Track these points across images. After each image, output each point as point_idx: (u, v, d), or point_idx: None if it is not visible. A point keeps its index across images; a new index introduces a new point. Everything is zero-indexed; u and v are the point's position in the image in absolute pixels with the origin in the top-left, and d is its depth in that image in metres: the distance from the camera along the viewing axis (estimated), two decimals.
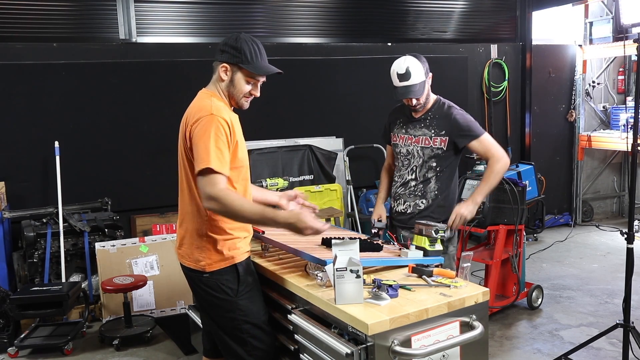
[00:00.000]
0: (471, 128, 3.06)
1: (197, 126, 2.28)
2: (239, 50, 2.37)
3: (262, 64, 2.43)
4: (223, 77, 2.41)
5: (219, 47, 2.43)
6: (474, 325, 2.09)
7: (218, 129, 2.26)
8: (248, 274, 2.42)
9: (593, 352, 3.84)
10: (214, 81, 2.47)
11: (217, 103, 2.37)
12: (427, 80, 3.04)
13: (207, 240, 2.37)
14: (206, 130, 2.25)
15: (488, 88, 6.94)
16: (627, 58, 7.62)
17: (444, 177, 3.13)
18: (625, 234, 3.43)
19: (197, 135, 2.27)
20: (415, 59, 2.99)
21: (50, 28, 5.16)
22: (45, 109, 5.03)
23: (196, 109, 2.35)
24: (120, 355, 4.10)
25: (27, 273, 4.62)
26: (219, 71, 2.42)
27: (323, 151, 5.86)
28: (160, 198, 5.43)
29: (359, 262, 2.03)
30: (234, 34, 2.45)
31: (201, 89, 2.53)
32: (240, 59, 2.38)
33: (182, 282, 2.53)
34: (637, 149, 3.44)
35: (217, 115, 2.28)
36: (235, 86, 2.42)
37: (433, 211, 3.11)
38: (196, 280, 2.43)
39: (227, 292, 2.36)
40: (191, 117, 2.34)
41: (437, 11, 6.77)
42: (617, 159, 7.92)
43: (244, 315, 2.38)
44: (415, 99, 3.03)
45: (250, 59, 2.38)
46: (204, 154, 2.22)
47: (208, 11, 5.71)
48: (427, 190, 3.13)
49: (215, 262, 2.37)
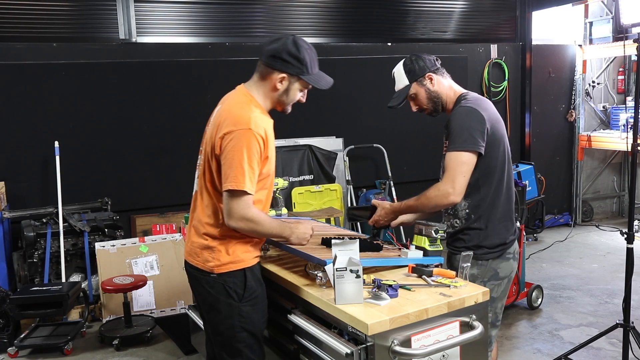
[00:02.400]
0: (453, 136, 2.44)
1: (232, 138, 2.17)
2: (301, 61, 2.27)
3: (321, 76, 2.36)
4: (278, 87, 2.30)
5: (273, 53, 2.26)
6: (473, 325, 2.08)
7: (254, 146, 2.17)
8: (255, 280, 2.35)
9: (593, 352, 3.84)
10: (258, 85, 2.34)
11: (256, 113, 2.25)
12: (416, 84, 2.62)
13: (220, 242, 2.30)
14: (241, 147, 2.15)
15: (488, 88, 6.94)
16: (627, 58, 7.62)
17: (470, 192, 2.49)
18: (625, 234, 3.44)
19: (231, 149, 2.17)
20: (400, 64, 2.67)
21: (50, 28, 5.16)
22: (45, 109, 5.03)
23: (234, 117, 2.22)
24: (120, 355, 4.10)
25: (27, 273, 4.62)
26: (274, 80, 2.29)
27: (323, 151, 5.86)
28: (160, 198, 5.44)
29: (359, 262, 2.03)
30: (288, 38, 2.28)
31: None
32: (302, 71, 2.28)
33: (182, 282, 2.52)
34: (637, 149, 3.44)
35: (254, 130, 2.18)
36: (289, 96, 2.34)
37: (470, 238, 2.52)
38: (201, 281, 2.37)
39: (232, 295, 2.29)
40: (226, 124, 2.21)
41: (437, 11, 6.77)
42: (617, 159, 7.92)
43: (244, 323, 2.31)
44: (416, 107, 2.71)
45: (311, 70, 2.30)
46: (238, 173, 2.15)
47: (208, 11, 5.71)
48: (457, 209, 2.56)
49: (224, 264, 2.30)
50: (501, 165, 2.51)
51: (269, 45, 2.29)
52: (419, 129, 6.22)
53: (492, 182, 2.50)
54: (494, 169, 2.49)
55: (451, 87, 2.66)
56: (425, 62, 2.62)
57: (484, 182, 2.49)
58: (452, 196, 2.39)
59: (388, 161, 6.17)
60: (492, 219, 2.51)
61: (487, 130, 2.43)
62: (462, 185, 2.40)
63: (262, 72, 2.32)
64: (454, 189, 2.38)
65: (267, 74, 2.30)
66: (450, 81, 2.68)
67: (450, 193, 2.39)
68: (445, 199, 2.40)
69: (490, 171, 2.49)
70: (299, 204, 5.53)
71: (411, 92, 2.64)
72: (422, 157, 6.14)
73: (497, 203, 2.51)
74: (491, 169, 2.49)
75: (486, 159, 2.46)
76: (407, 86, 2.64)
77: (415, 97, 2.65)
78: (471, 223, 2.52)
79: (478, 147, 2.40)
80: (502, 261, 2.53)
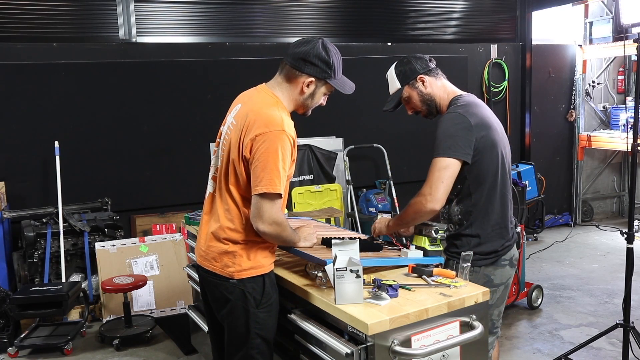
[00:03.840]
0: (436, 142, 2.39)
1: (265, 140, 2.11)
2: (330, 66, 2.25)
3: (346, 81, 2.35)
4: (304, 90, 2.26)
5: (303, 56, 2.23)
6: (474, 325, 2.08)
7: (287, 149, 2.14)
8: (272, 287, 2.33)
9: (593, 352, 3.84)
10: (283, 87, 2.29)
11: (285, 113, 2.23)
12: (408, 87, 2.57)
13: (242, 247, 2.26)
14: (275, 149, 2.11)
15: (488, 88, 6.94)
16: (627, 58, 7.62)
17: (462, 198, 2.46)
18: (625, 234, 3.44)
19: (264, 151, 2.11)
20: (392, 68, 2.63)
21: (50, 28, 5.17)
22: (45, 109, 5.03)
23: (265, 118, 2.15)
24: (120, 355, 4.10)
25: (27, 273, 4.62)
26: (301, 83, 2.25)
27: (323, 151, 5.86)
28: (160, 198, 5.44)
29: (359, 262, 2.03)
30: (318, 41, 2.25)
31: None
32: (330, 75, 2.27)
33: (182, 282, 2.50)
34: (637, 149, 3.44)
35: (288, 132, 2.14)
36: (314, 99, 2.32)
37: (462, 244, 2.47)
38: (219, 286, 2.30)
39: (249, 301, 2.26)
40: (258, 125, 2.14)
41: (437, 11, 6.77)
42: (617, 159, 7.92)
43: (259, 329, 2.28)
44: (411, 110, 2.65)
45: (338, 74, 2.30)
46: (274, 176, 2.11)
47: (208, 11, 5.71)
48: (451, 213, 2.52)
49: (245, 270, 2.26)
50: (494, 172, 2.43)
51: (298, 48, 2.25)
52: (419, 129, 6.21)
53: (483, 189, 2.42)
54: (485, 175, 2.41)
55: (445, 89, 2.59)
56: (417, 64, 2.55)
57: (475, 189, 2.42)
58: (429, 203, 2.32)
59: (388, 161, 6.17)
60: (485, 225, 2.44)
61: (475, 137, 2.36)
62: (441, 192, 2.32)
63: (288, 74, 2.28)
64: (432, 195, 2.31)
65: (294, 76, 2.26)
66: (445, 82, 2.62)
67: (427, 200, 2.32)
68: (423, 205, 2.34)
69: (481, 178, 2.41)
70: (299, 204, 5.53)
71: (404, 95, 2.59)
72: (422, 157, 6.08)
73: (490, 210, 2.44)
74: (482, 176, 2.41)
75: (476, 166, 2.39)
76: (399, 89, 2.60)
77: (409, 100, 2.60)
78: (464, 229, 2.47)
79: (462, 155, 2.34)
80: (496, 268, 2.47)
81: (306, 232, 2.47)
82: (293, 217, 3.38)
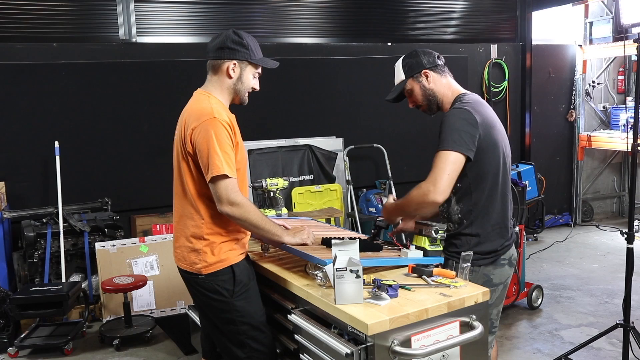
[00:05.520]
0: (442, 136, 2.36)
1: (199, 130, 2.27)
2: (246, 46, 2.40)
3: (266, 58, 2.50)
4: (231, 75, 2.41)
5: (219, 45, 2.40)
6: (474, 325, 2.08)
7: (223, 133, 2.26)
8: (244, 274, 2.41)
9: (593, 352, 3.84)
10: (213, 81, 2.45)
11: (217, 104, 2.36)
12: (412, 80, 2.57)
13: (204, 243, 2.36)
14: (211, 135, 2.24)
15: (488, 88, 6.94)
16: (627, 58, 7.62)
17: (462, 196, 2.45)
18: (625, 234, 3.44)
19: (201, 141, 2.26)
20: (401, 59, 2.63)
21: (50, 28, 5.16)
22: (45, 109, 5.03)
23: (197, 112, 2.33)
24: (120, 355, 4.10)
25: (27, 273, 4.62)
26: (226, 69, 2.40)
27: (323, 151, 5.86)
28: (160, 198, 5.43)
29: (359, 262, 2.03)
30: (228, 30, 2.44)
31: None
32: (249, 55, 2.41)
33: (182, 282, 2.54)
34: (637, 149, 3.44)
35: (219, 118, 2.28)
36: (244, 82, 2.45)
37: (462, 243, 2.46)
38: (192, 283, 2.44)
39: (222, 293, 2.36)
40: (191, 120, 2.32)
41: (437, 11, 6.77)
42: (617, 159, 7.92)
43: (241, 316, 2.38)
44: (412, 103, 2.64)
45: (256, 53, 2.44)
46: (216, 160, 2.22)
47: (208, 11, 5.71)
48: (450, 212, 2.50)
49: (211, 265, 2.36)
50: (495, 171, 2.43)
51: (213, 42, 2.43)
52: (419, 129, 6.22)
53: (484, 188, 2.42)
54: (486, 174, 2.41)
55: (450, 87, 2.58)
56: (424, 59, 2.55)
57: (476, 188, 2.42)
58: (432, 194, 2.28)
59: (388, 161, 6.17)
60: (485, 225, 2.44)
61: (479, 135, 2.35)
62: (445, 184, 2.28)
63: (213, 67, 2.44)
64: (435, 187, 2.27)
65: (218, 66, 2.42)
66: (450, 80, 2.60)
67: (430, 191, 2.28)
68: (426, 197, 2.29)
69: (483, 177, 2.41)
70: (299, 204, 5.54)
71: (407, 88, 2.60)
72: (422, 157, 6.12)
73: (490, 209, 2.44)
74: (483, 175, 2.41)
75: (478, 164, 2.38)
76: (403, 81, 2.60)
77: (411, 93, 2.60)
78: (463, 228, 2.45)
79: (466, 150, 2.32)
80: (495, 267, 2.47)
81: (296, 230, 2.53)
82: (293, 217, 3.39)
